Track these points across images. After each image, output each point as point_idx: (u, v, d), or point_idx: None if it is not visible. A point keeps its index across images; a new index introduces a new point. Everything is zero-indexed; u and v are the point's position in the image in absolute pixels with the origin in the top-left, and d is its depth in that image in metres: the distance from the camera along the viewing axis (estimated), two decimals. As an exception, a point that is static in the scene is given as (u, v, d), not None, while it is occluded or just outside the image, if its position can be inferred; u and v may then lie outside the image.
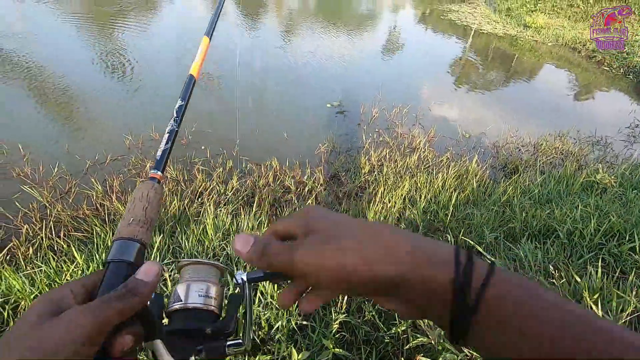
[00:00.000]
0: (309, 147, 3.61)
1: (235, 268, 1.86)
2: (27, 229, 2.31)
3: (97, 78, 4.85)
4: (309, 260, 0.32)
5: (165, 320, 0.42)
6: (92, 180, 2.79)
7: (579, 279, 1.71)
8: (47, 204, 2.56)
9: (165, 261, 1.96)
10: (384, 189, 2.86)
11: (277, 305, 1.66)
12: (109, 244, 2.08)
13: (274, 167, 3.15)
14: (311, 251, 0.32)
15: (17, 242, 2.19)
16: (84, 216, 2.48)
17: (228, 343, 0.41)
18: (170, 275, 1.80)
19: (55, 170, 2.90)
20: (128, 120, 3.80)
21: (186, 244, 2.10)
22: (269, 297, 1.71)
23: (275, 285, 1.77)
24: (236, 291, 0.44)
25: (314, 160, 3.42)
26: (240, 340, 0.42)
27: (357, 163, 3.38)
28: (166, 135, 0.57)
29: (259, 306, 1.67)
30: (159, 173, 0.51)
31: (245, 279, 0.41)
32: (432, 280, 0.29)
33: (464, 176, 3.17)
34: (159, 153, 0.54)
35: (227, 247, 2.09)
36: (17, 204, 2.53)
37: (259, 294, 1.72)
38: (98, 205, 2.59)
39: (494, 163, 3.70)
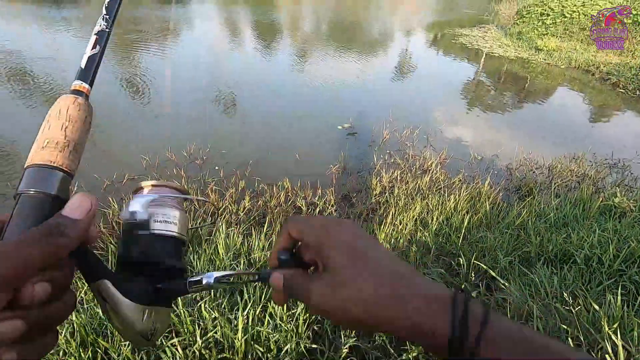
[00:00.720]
0: (320, 168, 3.65)
1: (244, 288, 1.87)
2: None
3: (119, 101, 5.06)
4: (322, 303, 0.33)
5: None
6: (110, 198, 2.87)
7: (597, 307, 1.66)
8: (65, 222, 2.64)
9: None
10: (395, 211, 2.85)
11: (285, 327, 1.65)
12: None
13: (285, 187, 3.19)
14: (326, 294, 0.33)
15: None
16: (100, 233, 2.54)
17: (188, 279, 0.35)
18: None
19: (75, 189, 3.00)
20: (146, 141, 3.93)
21: (197, 263, 2.13)
22: (277, 318, 1.71)
23: (285, 305, 1.76)
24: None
25: (325, 181, 3.45)
26: (199, 277, 0.35)
27: (368, 184, 3.39)
28: (93, 37, 0.42)
29: (267, 327, 1.66)
30: (85, 85, 0.39)
31: (259, 277, 0.39)
32: (429, 333, 0.30)
33: (477, 198, 3.14)
34: (84, 59, 0.40)
35: (237, 267, 2.11)
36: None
37: (267, 315, 1.71)
38: (114, 223, 2.66)
39: (507, 185, 3.65)
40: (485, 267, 2.10)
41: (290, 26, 11.39)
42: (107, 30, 0.43)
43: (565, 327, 1.62)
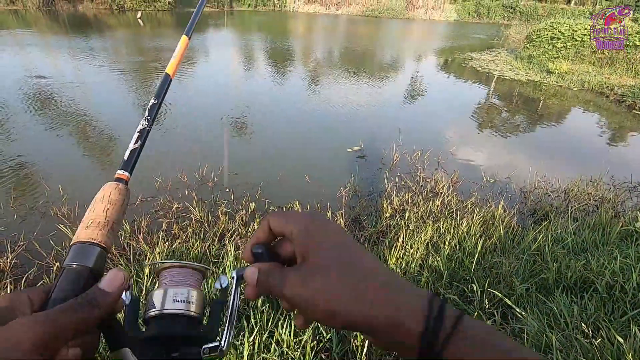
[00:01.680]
0: (331, 191, 3.64)
1: (251, 312, 1.83)
2: (57, 267, 2.41)
3: (133, 123, 5.22)
4: (294, 295, 0.32)
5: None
6: (123, 220, 2.91)
7: (621, 340, 1.56)
8: (78, 243, 2.68)
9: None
10: (406, 234, 2.80)
11: (292, 355, 1.61)
12: (133, 283, 2.12)
13: (295, 210, 3.18)
14: (298, 284, 0.32)
15: (48, 279, 2.27)
16: (111, 255, 2.56)
17: (204, 346, 0.38)
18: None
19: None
20: (159, 163, 4.02)
21: (205, 286, 2.11)
22: (284, 345, 1.66)
23: (292, 331, 1.72)
24: (227, 296, 0.41)
25: (335, 203, 3.44)
26: (217, 343, 0.38)
27: (379, 207, 3.36)
28: (136, 134, 0.51)
29: (274, 354, 1.61)
30: (126, 174, 0.47)
31: (235, 275, 0.39)
32: (403, 330, 0.30)
33: (490, 222, 3.07)
34: (127, 153, 0.49)
35: (244, 290, 2.08)
36: (52, 242, 2.67)
37: (274, 342, 1.67)
38: (125, 244, 2.68)
39: (522, 209, 3.57)
40: (500, 294, 2.02)
41: (302, 53, 11.73)
42: (148, 128, 0.53)
43: (587, 360, 1.53)
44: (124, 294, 0.36)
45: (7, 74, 7.05)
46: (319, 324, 1.82)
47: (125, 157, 0.49)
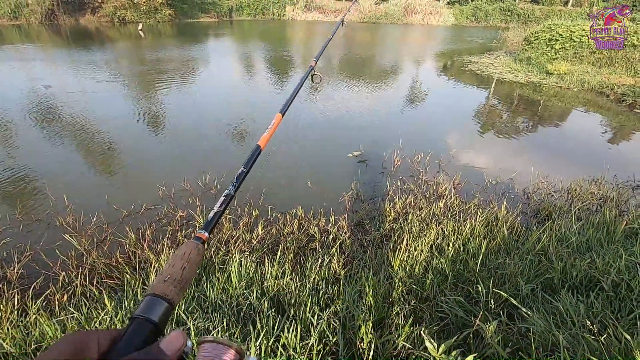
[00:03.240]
0: (333, 196, 3.66)
1: (257, 317, 1.84)
2: (63, 276, 2.42)
3: (136, 134, 5.28)
4: None
5: None
6: (127, 228, 2.93)
7: (629, 337, 1.55)
8: (84, 252, 2.70)
9: (190, 309, 1.97)
10: (410, 237, 2.80)
11: (299, 359, 1.61)
12: (138, 292, 2.14)
13: (298, 215, 3.19)
14: None
15: (54, 288, 2.29)
16: (117, 264, 2.58)
17: None
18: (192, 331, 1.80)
19: (94, 220, 3.09)
20: (163, 172, 4.05)
21: (211, 292, 2.12)
22: (291, 349, 1.66)
23: (298, 335, 1.72)
24: None
25: (338, 208, 3.45)
26: None
27: (382, 211, 3.37)
28: (222, 198, 0.55)
29: (280, 358, 1.61)
30: (206, 234, 0.50)
31: None
32: None
33: (494, 223, 3.06)
34: (211, 214, 0.52)
35: (250, 296, 2.09)
36: (58, 252, 2.69)
37: (280, 346, 1.67)
38: (130, 253, 2.70)
39: (525, 209, 3.56)
40: (505, 295, 2.01)
41: (302, 60, 11.82)
42: (233, 194, 0.58)
43: (595, 359, 1.52)
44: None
45: (11, 88, 7.14)
46: (324, 327, 1.82)
47: (209, 218, 0.52)
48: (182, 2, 21.10)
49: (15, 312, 2.04)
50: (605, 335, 1.59)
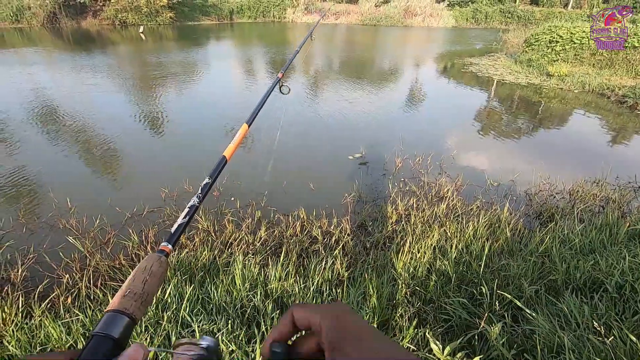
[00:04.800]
0: (335, 198, 3.66)
1: (262, 320, 1.84)
2: (67, 279, 2.43)
3: (138, 136, 5.29)
4: None
5: None
6: (130, 230, 2.94)
7: (634, 339, 1.55)
8: (87, 254, 2.70)
9: (195, 311, 1.97)
10: (413, 239, 2.80)
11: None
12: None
13: (301, 217, 3.20)
14: None
15: (58, 290, 2.29)
16: (120, 266, 2.58)
17: None
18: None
19: (97, 222, 3.09)
20: (165, 174, 4.06)
21: (215, 294, 2.12)
22: None
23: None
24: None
25: (340, 210, 3.45)
26: None
27: (384, 212, 3.37)
28: (186, 210, 0.53)
29: None
30: (169, 246, 0.49)
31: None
32: None
33: (496, 225, 3.07)
34: (175, 226, 0.51)
35: (254, 298, 2.09)
36: (61, 254, 2.69)
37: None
38: (133, 255, 2.70)
39: (527, 211, 3.56)
40: (510, 296, 2.01)
41: (302, 62, 11.85)
42: (197, 205, 0.56)
43: (600, 360, 1.52)
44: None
45: (13, 92, 7.17)
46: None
47: (172, 231, 0.50)
48: (183, 4, 21.18)
49: (20, 314, 2.04)
50: (611, 338, 1.59)
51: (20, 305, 2.11)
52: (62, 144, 4.85)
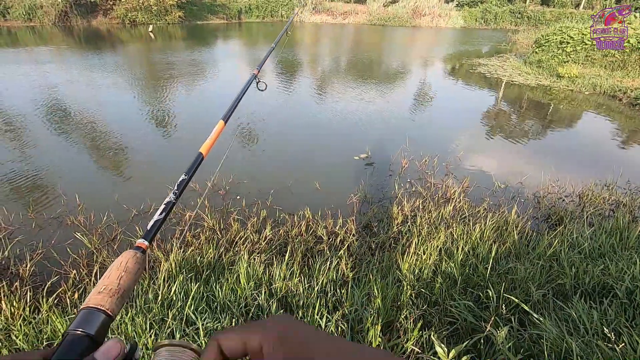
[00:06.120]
0: (341, 198, 3.65)
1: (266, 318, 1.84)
2: (74, 275, 2.45)
3: (146, 134, 5.33)
4: None
5: None
6: (136, 227, 2.96)
7: (645, 346, 1.52)
8: (94, 251, 2.73)
9: (200, 309, 1.98)
10: (418, 240, 2.78)
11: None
12: (148, 290, 2.15)
13: (306, 217, 3.19)
14: None
15: (66, 286, 2.31)
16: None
17: None
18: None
19: (105, 219, 3.12)
20: (172, 172, 4.08)
21: (220, 292, 2.13)
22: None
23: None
24: None
25: (345, 210, 3.44)
26: None
27: (390, 213, 3.35)
28: (162, 206, 0.53)
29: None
30: (146, 243, 0.49)
31: None
32: None
33: (504, 227, 3.03)
34: (151, 223, 0.51)
35: (259, 296, 2.09)
36: (69, 250, 2.72)
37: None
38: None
39: (535, 214, 3.52)
40: (516, 300, 1.99)
41: (310, 62, 11.84)
42: (174, 202, 0.55)
43: (609, 367, 1.49)
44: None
45: (25, 90, 7.27)
46: (333, 329, 1.81)
47: (148, 227, 0.50)
48: (192, 3, 21.32)
49: (28, 309, 2.06)
50: (622, 344, 1.56)
51: (28, 300, 2.14)
52: (72, 141, 4.90)
